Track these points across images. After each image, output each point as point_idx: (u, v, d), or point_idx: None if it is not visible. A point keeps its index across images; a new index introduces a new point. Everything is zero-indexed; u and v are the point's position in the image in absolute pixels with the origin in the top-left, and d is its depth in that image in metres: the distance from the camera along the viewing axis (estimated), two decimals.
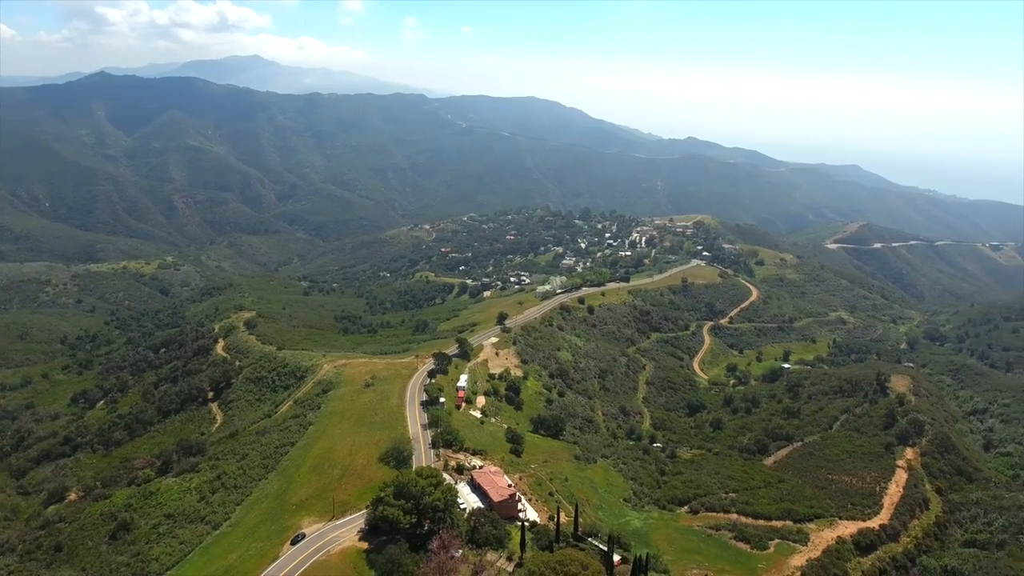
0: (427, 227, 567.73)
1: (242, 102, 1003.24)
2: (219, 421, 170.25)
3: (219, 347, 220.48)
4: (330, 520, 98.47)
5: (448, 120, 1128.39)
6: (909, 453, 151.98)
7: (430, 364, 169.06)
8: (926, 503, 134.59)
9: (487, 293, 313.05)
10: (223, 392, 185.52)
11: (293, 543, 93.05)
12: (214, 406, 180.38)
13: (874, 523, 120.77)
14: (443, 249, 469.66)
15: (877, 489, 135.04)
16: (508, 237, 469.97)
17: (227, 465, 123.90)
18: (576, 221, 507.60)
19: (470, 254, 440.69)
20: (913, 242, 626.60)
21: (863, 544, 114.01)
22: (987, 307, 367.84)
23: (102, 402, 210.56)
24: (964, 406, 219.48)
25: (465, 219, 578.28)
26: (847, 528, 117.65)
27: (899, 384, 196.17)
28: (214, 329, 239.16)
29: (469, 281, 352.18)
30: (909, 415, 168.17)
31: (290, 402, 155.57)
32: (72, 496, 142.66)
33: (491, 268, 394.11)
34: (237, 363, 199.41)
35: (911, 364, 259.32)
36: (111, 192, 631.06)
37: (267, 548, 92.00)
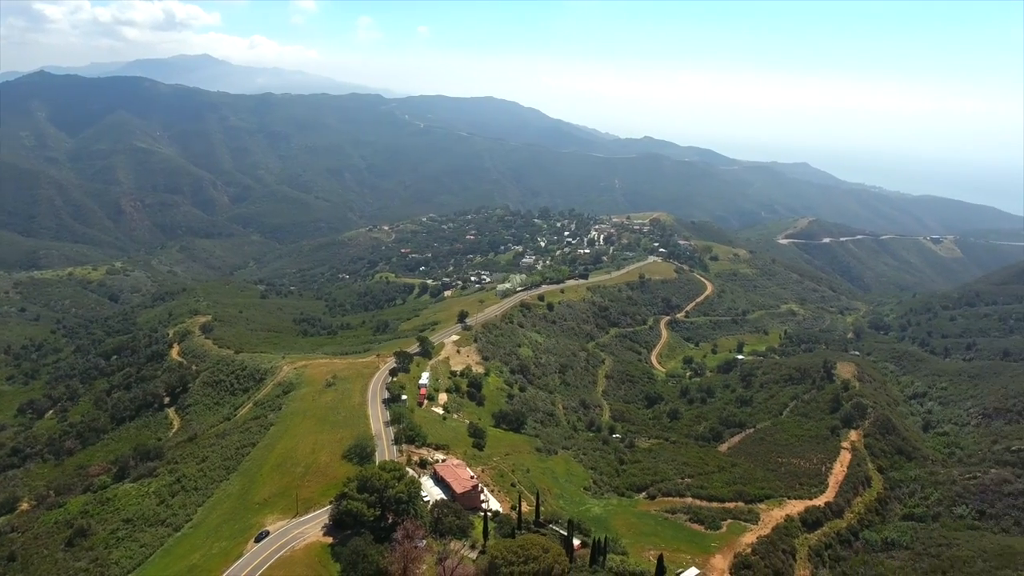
0: (386, 228, 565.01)
1: (192, 102, 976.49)
2: (176, 426, 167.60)
3: (174, 352, 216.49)
4: (294, 517, 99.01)
5: (405, 120, 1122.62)
6: (853, 435, 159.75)
7: (391, 363, 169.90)
8: (868, 481, 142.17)
9: (448, 293, 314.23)
10: (180, 397, 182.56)
11: (257, 540, 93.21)
12: (171, 411, 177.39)
13: (820, 501, 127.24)
14: (403, 250, 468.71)
15: (823, 469, 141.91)
16: (468, 237, 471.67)
17: (187, 468, 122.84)
18: (535, 220, 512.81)
19: (430, 254, 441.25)
20: (860, 236, 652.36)
21: (810, 521, 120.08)
22: (927, 297, 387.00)
23: (51, 412, 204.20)
24: (906, 390, 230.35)
25: (424, 220, 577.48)
26: (795, 507, 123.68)
27: (844, 371, 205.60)
28: (168, 334, 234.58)
29: (430, 281, 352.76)
30: (853, 400, 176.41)
31: (250, 404, 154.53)
32: (24, 506, 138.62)
33: (451, 268, 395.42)
34: (194, 367, 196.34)
35: (857, 352, 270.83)
36: (54, 196, 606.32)
37: (231, 547, 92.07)
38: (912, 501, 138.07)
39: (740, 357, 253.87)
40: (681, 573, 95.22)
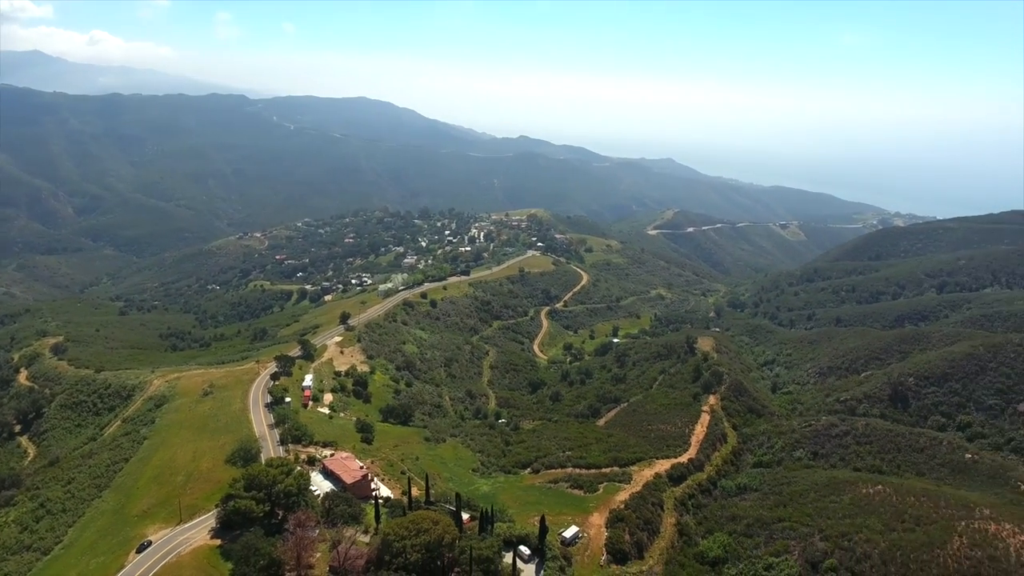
0: (258, 235, 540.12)
1: (23, 104, 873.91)
2: (32, 454, 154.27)
3: (22, 377, 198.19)
4: (178, 524, 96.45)
5: (274, 122, 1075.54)
6: (712, 399, 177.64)
7: (272, 368, 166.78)
8: (725, 438, 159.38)
9: (328, 297, 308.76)
10: (33, 423, 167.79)
11: (139, 551, 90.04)
12: (23, 439, 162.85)
13: (684, 458, 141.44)
14: (278, 256, 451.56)
15: (687, 431, 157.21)
16: (347, 240, 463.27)
17: (51, 492, 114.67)
18: (416, 221, 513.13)
19: (307, 260, 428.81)
20: (719, 225, 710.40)
21: (675, 476, 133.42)
22: (776, 276, 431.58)
23: None
24: (758, 359, 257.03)
25: (300, 224, 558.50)
26: (663, 465, 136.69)
27: (705, 345, 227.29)
28: (13, 359, 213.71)
29: (308, 287, 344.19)
30: (712, 369, 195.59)
31: (118, 422, 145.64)
32: None
33: (331, 272, 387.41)
34: (47, 391, 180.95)
35: (717, 329, 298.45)
36: None
37: (110, 560, 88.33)
38: (760, 451, 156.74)
39: (615, 340, 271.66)
40: (562, 532, 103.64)
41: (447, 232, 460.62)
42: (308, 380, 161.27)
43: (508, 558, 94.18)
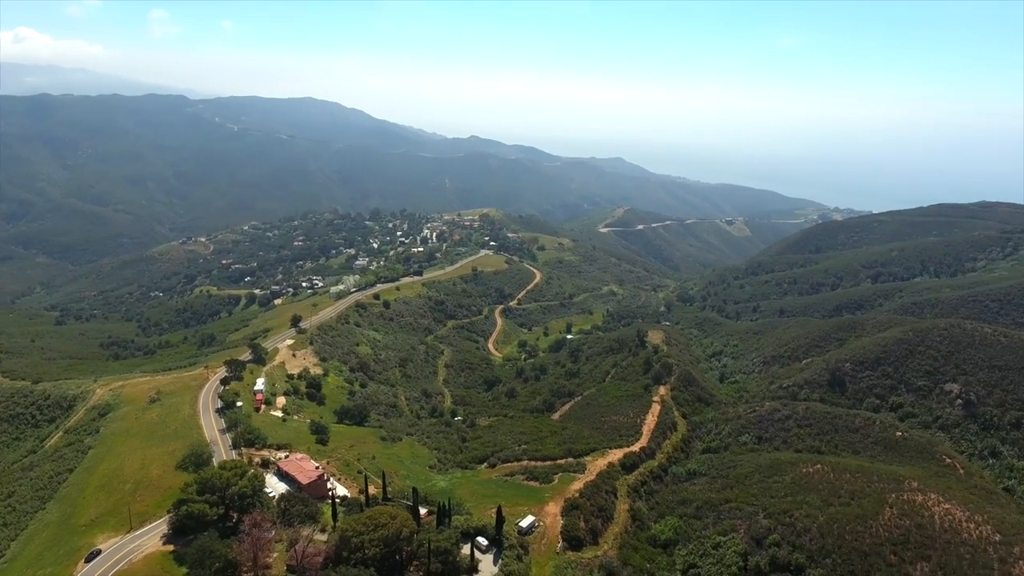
0: (203, 240, 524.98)
1: None
2: None
3: None
4: (128, 532, 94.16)
5: (216, 123, 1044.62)
6: (662, 390, 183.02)
7: (222, 373, 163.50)
8: (675, 426, 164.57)
9: (278, 301, 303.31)
10: None
11: (88, 560, 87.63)
12: None
13: (636, 447, 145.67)
14: (224, 261, 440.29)
15: (638, 421, 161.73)
16: (296, 243, 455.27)
17: None
18: (367, 222, 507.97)
19: (255, 264, 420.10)
20: (668, 222, 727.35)
21: (628, 464, 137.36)
22: (722, 271, 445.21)
23: None
24: (707, 350, 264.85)
25: (246, 228, 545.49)
26: (616, 455, 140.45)
27: (655, 338, 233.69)
28: None
29: (257, 291, 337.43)
30: (662, 361, 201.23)
31: (60, 433, 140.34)
32: None
33: (280, 276, 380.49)
34: None
35: (667, 322, 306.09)
36: None
37: (58, 571, 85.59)
38: (709, 438, 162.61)
39: (569, 336, 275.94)
40: (519, 522, 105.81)
41: (399, 233, 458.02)
42: (260, 384, 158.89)
43: (466, 549, 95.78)
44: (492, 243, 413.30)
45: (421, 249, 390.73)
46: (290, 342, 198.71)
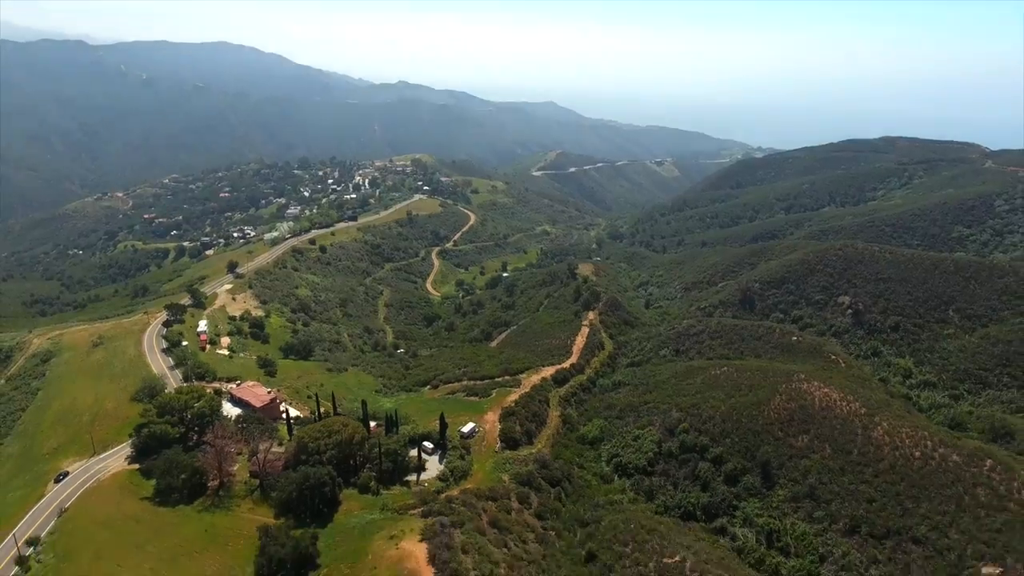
0: (120, 195, 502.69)
1: None
2: None
3: None
4: (92, 457, 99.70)
5: (122, 72, 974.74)
6: (591, 315, 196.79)
7: (163, 317, 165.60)
8: (602, 346, 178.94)
9: (210, 252, 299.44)
10: None
11: (57, 481, 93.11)
12: None
13: (566, 364, 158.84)
14: (146, 216, 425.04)
15: (569, 343, 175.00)
16: (222, 195, 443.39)
17: None
18: (296, 171, 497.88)
19: (181, 217, 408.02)
20: (600, 164, 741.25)
21: (559, 379, 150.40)
22: (651, 209, 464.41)
23: None
24: (634, 281, 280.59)
25: (167, 181, 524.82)
26: (548, 371, 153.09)
27: (585, 270, 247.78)
28: None
29: (187, 243, 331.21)
30: (591, 289, 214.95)
31: (1, 381, 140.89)
32: None
33: (209, 228, 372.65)
34: None
35: (598, 258, 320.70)
36: None
37: (28, 492, 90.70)
38: (633, 353, 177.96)
39: (504, 274, 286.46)
40: (461, 428, 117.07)
41: (330, 181, 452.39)
42: (203, 325, 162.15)
43: (414, 452, 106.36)
44: (425, 188, 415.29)
45: (354, 196, 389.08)
46: (229, 287, 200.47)
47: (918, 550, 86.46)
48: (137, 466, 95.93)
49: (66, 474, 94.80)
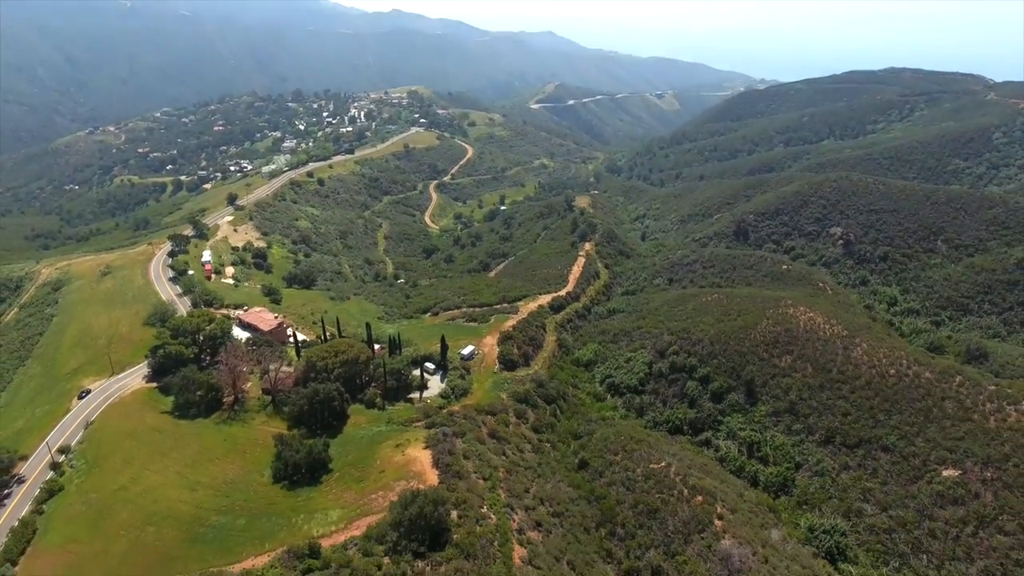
0: (112, 129, 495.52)
1: None
2: None
3: None
4: (111, 376, 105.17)
5: None
6: (587, 246, 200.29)
7: (168, 248, 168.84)
8: (598, 275, 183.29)
9: (207, 185, 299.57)
10: None
11: (80, 398, 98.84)
12: None
13: (563, 292, 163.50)
14: (140, 150, 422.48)
15: (565, 272, 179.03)
16: (216, 128, 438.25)
17: None
18: (289, 104, 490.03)
19: (175, 151, 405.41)
20: (599, 97, 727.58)
21: (556, 306, 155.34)
22: (649, 142, 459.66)
23: None
24: (631, 215, 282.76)
25: (159, 115, 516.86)
26: (545, 299, 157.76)
27: (582, 202, 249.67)
28: None
29: (183, 177, 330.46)
30: (587, 221, 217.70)
31: (15, 310, 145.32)
32: None
33: (205, 162, 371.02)
34: None
35: (596, 191, 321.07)
36: None
37: (54, 408, 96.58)
38: (628, 282, 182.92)
39: (502, 207, 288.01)
40: (461, 350, 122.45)
41: (325, 114, 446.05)
42: (207, 256, 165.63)
43: (416, 372, 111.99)
44: (422, 120, 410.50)
45: (350, 128, 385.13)
46: (230, 218, 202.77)
47: (886, 457, 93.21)
48: (155, 384, 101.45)
49: (88, 391, 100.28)
